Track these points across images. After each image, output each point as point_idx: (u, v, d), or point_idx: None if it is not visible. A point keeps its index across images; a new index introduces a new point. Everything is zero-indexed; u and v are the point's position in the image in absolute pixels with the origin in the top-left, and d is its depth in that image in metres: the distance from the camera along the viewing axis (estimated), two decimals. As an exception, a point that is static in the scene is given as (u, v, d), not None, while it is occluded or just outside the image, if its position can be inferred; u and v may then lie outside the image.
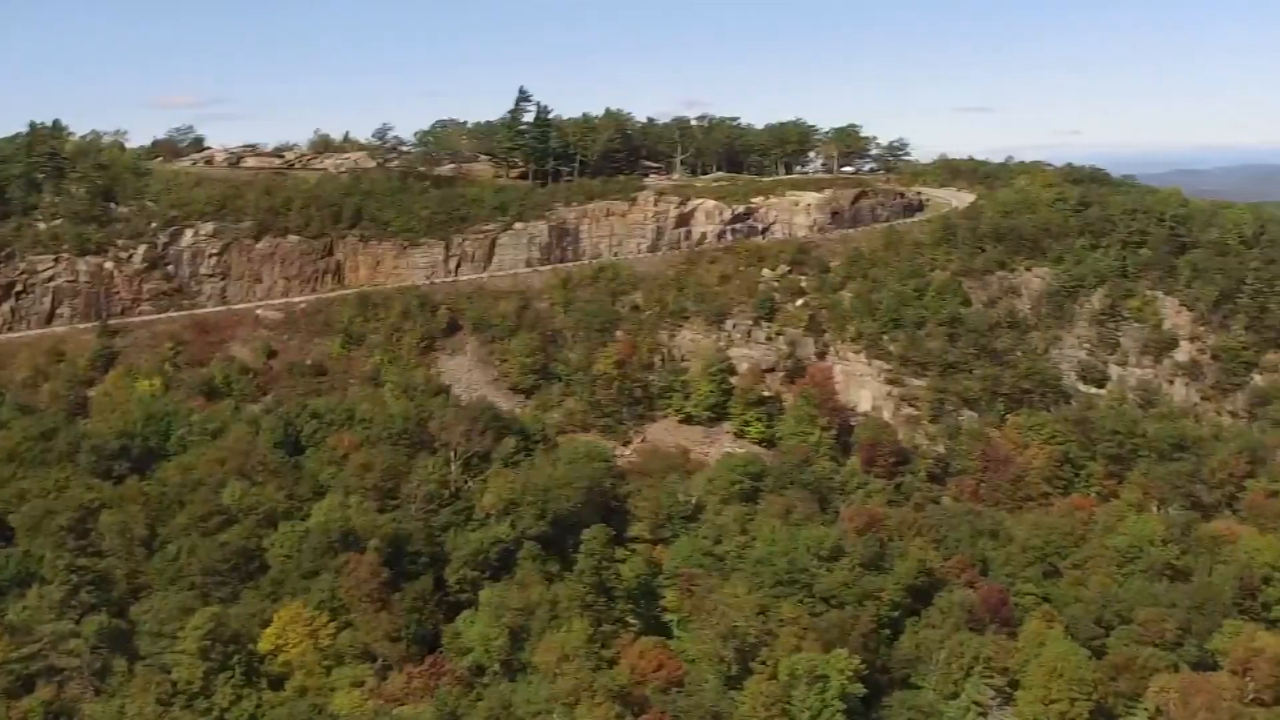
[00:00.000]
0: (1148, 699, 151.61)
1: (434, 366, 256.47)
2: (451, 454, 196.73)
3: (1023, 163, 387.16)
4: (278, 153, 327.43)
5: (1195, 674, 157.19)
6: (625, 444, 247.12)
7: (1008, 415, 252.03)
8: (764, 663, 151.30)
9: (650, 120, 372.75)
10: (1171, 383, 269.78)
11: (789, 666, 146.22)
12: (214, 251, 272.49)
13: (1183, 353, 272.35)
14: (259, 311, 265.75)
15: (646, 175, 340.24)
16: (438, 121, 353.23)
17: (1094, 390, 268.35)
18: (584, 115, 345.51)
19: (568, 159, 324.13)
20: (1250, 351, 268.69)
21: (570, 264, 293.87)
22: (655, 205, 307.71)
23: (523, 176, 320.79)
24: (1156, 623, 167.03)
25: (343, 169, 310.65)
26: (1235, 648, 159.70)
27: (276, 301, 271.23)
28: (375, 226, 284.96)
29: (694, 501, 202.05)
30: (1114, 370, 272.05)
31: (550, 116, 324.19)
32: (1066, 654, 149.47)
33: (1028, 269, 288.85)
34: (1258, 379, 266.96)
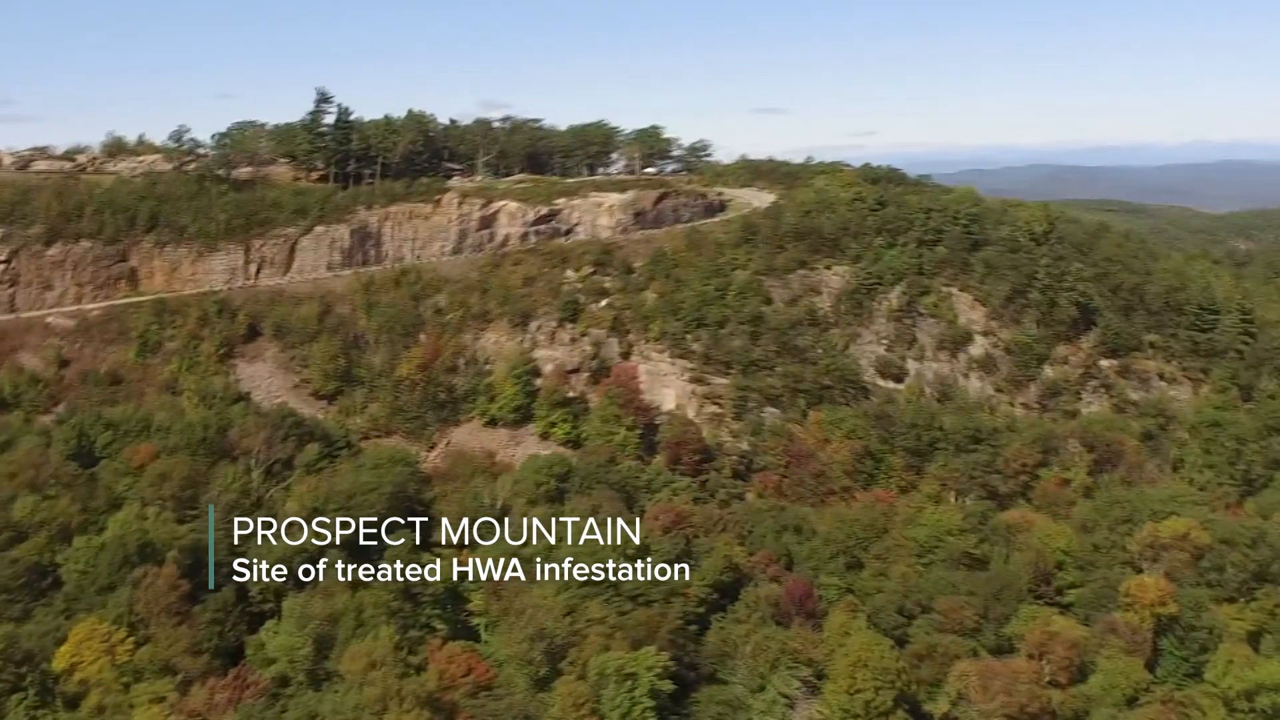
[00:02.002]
0: (949, 685, 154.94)
1: (233, 373, 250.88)
2: (253, 462, 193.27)
3: (822, 163, 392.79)
4: (69, 156, 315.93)
5: (994, 659, 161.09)
6: (430, 448, 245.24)
7: (809, 411, 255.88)
8: (573, 663, 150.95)
9: (453, 122, 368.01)
10: (967, 376, 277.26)
11: (598, 666, 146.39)
12: (2, 258, 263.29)
13: (977, 347, 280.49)
14: (50, 319, 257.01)
15: (450, 177, 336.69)
16: (235, 123, 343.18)
17: (893, 385, 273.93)
18: (385, 117, 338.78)
19: (369, 161, 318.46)
20: (1041, 345, 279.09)
21: (373, 267, 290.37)
22: (459, 207, 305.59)
23: (324, 179, 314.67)
24: (956, 610, 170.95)
25: (138, 172, 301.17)
26: (1031, 632, 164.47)
27: (69, 309, 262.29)
28: (172, 231, 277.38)
29: (500, 504, 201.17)
30: (912, 365, 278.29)
31: (351, 118, 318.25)
32: (870, 644, 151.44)
33: (827, 268, 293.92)
34: (1048, 371, 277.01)
